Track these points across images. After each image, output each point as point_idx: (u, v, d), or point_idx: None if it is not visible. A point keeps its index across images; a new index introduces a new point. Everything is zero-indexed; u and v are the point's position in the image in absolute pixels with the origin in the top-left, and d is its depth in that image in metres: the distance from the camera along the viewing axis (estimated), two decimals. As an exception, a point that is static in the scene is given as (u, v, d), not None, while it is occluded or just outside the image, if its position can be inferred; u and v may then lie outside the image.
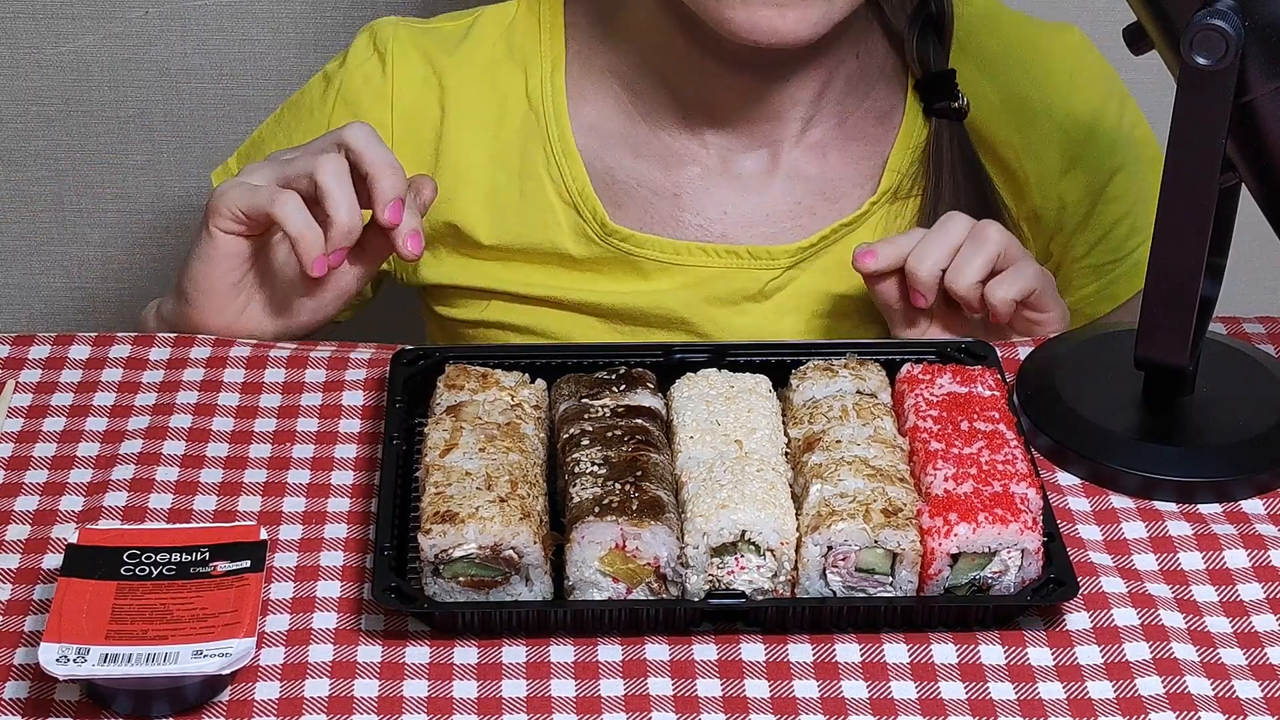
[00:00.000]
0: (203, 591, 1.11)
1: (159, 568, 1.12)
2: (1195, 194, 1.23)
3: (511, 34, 1.55)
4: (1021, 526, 1.14)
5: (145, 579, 1.12)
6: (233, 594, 1.11)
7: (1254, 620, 1.16)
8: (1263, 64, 1.20)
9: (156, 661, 1.07)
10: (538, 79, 1.54)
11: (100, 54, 2.00)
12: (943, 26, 1.53)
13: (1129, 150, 1.57)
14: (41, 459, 1.28)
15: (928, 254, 1.40)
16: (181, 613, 1.10)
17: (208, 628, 1.09)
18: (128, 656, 1.07)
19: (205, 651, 1.07)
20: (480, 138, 1.54)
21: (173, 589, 1.11)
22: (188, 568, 1.13)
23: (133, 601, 1.10)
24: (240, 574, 1.12)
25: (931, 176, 1.52)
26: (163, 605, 1.10)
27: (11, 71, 2.01)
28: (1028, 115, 1.55)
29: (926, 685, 1.11)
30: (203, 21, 2.00)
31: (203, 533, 1.15)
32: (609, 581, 1.14)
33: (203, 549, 1.14)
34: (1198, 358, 1.30)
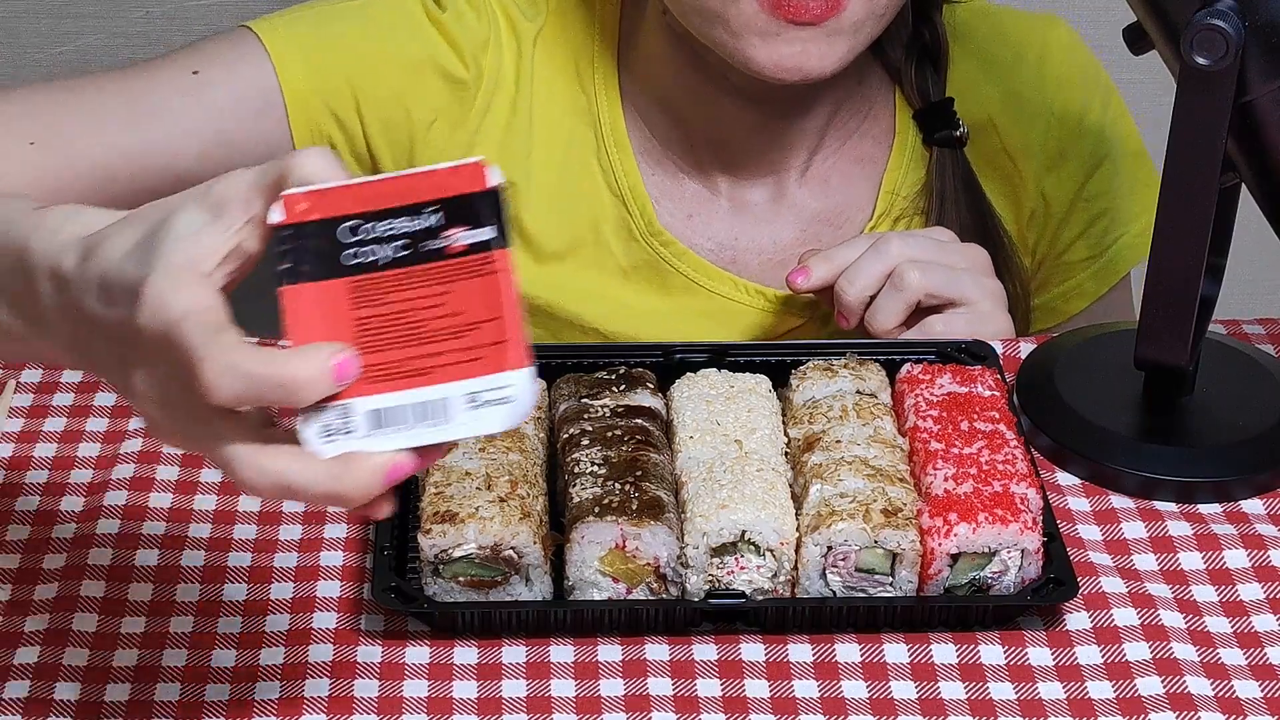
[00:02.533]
0: (449, 284, 0.93)
1: (387, 245, 0.93)
2: (1195, 194, 1.23)
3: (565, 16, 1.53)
4: (1021, 526, 1.14)
5: (375, 267, 0.93)
6: (481, 285, 0.93)
7: (1254, 620, 1.16)
8: (1263, 64, 1.20)
9: (430, 416, 0.93)
10: (588, 63, 1.52)
11: (100, 54, 2.01)
12: (938, 56, 1.53)
13: (1112, 145, 1.57)
14: (42, 459, 1.28)
15: (856, 279, 1.39)
16: (434, 323, 0.93)
17: (469, 348, 0.93)
18: (396, 413, 0.93)
19: (479, 396, 0.92)
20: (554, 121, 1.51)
21: (412, 282, 0.93)
22: (420, 242, 0.93)
23: (373, 310, 0.94)
24: (484, 250, 0.93)
25: (934, 205, 1.52)
26: (410, 311, 0.93)
27: (11, 71, 2.01)
28: (1020, 109, 1.55)
29: (926, 685, 1.11)
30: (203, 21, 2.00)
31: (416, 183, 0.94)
32: (609, 581, 1.14)
33: (430, 208, 0.93)
34: (1198, 358, 1.30)
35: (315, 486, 0.93)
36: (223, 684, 1.11)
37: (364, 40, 1.47)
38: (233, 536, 1.21)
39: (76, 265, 0.97)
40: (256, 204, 0.94)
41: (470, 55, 1.48)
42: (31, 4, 1.99)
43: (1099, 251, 1.58)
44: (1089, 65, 1.59)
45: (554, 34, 1.51)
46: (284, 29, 1.45)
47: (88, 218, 1.00)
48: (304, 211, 0.93)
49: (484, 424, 0.93)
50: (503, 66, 1.49)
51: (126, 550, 1.19)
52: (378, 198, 0.93)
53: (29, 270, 1.00)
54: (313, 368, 0.92)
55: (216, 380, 0.91)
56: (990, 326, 1.39)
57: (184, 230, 0.94)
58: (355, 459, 0.93)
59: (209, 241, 0.94)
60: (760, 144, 1.51)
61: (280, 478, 0.93)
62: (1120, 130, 1.58)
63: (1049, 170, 1.56)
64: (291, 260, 0.94)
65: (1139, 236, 1.58)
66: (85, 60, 2.00)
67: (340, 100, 1.45)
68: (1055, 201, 1.57)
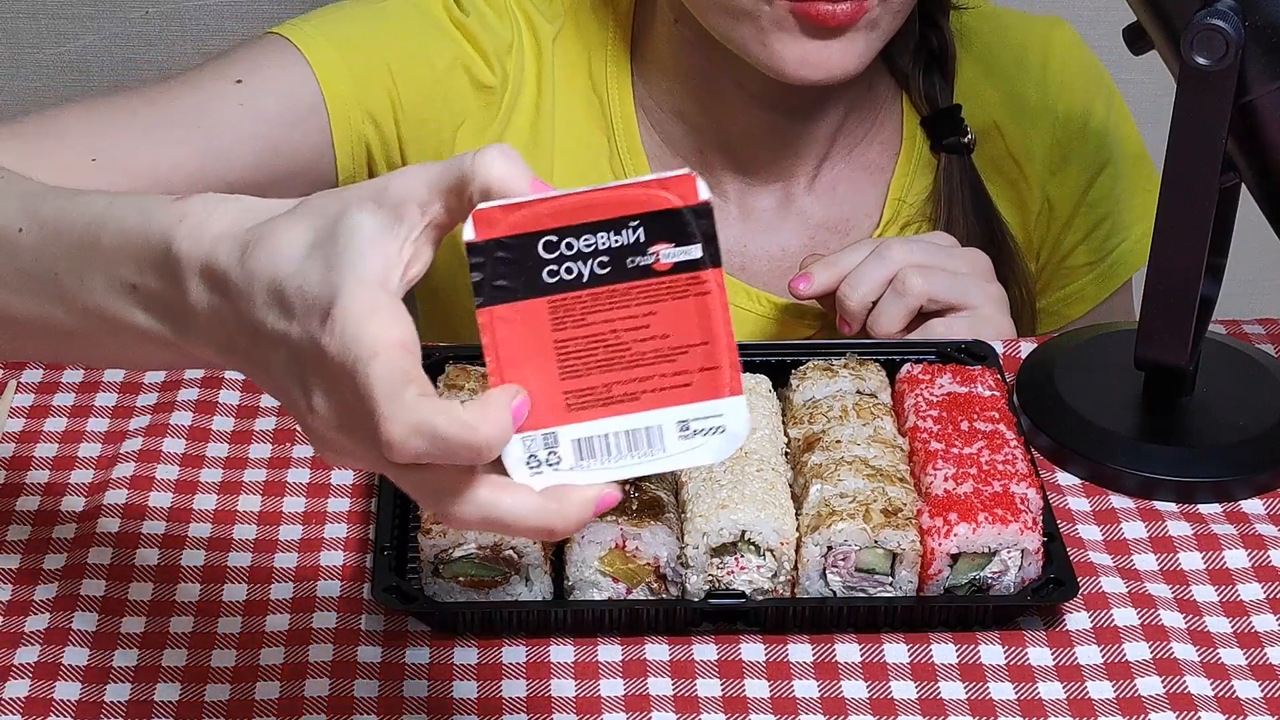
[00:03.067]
0: (655, 304, 0.89)
1: (588, 262, 0.88)
2: (1195, 194, 1.23)
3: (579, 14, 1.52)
4: (1021, 526, 1.14)
5: (576, 285, 0.89)
6: (690, 307, 0.89)
7: (1254, 620, 1.16)
8: (1263, 64, 1.20)
9: (639, 445, 0.89)
10: (601, 65, 1.52)
11: (100, 54, 2.01)
12: (945, 62, 1.53)
13: (1114, 148, 1.57)
14: (43, 459, 1.28)
15: (859, 285, 1.39)
16: (640, 346, 0.89)
17: (679, 373, 0.89)
18: (604, 443, 0.89)
19: (691, 424, 0.89)
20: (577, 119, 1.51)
21: (615, 301, 0.89)
22: (623, 257, 0.88)
23: (574, 332, 0.89)
24: (692, 269, 0.88)
25: (942, 212, 1.52)
26: (613, 333, 0.89)
27: (11, 71, 2.01)
28: (1023, 112, 1.55)
29: (926, 685, 1.11)
30: (203, 21, 2.00)
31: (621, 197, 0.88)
32: (609, 581, 1.14)
33: (632, 222, 0.88)
34: (1198, 358, 1.30)
35: (526, 520, 0.89)
36: (223, 684, 1.11)
37: (397, 45, 1.46)
38: (233, 536, 1.21)
39: (238, 263, 0.92)
40: (435, 207, 0.90)
41: (495, 59, 1.48)
42: (31, 4, 1.99)
43: (1101, 256, 1.58)
44: (1092, 67, 1.59)
45: (570, 37, 1.51)
46: (317, 35, 1.44)
47: (237, 206, 0.95)
48: (499, 226, 0.88)
49: (696, 455, 0.89)
50: (525, 69, 1.49)
51: (127, 550, 1.19)
52: (576, 211, 0.88)
53: (174, 267, 0.94)
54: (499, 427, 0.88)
55: (401, 442, 0.87)
56: (991, 330, 1.39)
57: (366, 236, 0.89)
58: (566, 492, 0.90)
59: (393, 250, 0.89)
60: (771, 149, 1.51)
61: (490, 509, 0.89)
62: (1123, 133, 1.58)
63: (1053, 174, 1.56)
64: (488, 278, 0.89)
65: (1140, 241, 1.58)
66: (85, 60, 2.00)
67: (378, 104, 1.45)
68: (1059, 205, 1.57)
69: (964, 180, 1.52)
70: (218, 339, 0.94)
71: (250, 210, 0.94)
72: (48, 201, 1.04)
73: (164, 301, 0.97)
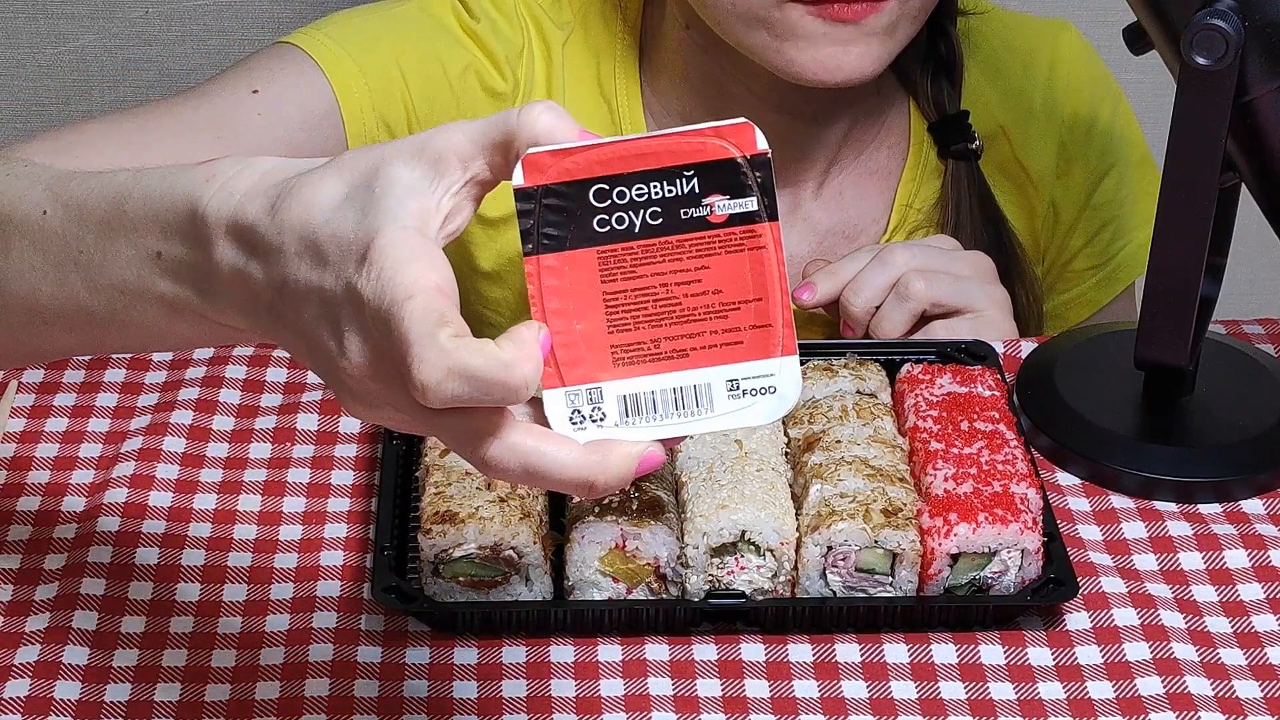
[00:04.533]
0: (707, 257, 0.87)
1: (640, 211, 0.87)
2: (1195, 194, 1.23)
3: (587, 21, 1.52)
4: (1021, 526, 1.14)
5: (627, 236, 0.87)
6: (744, 261, 0.87)
7: (1254, 620, 1.16)
8: (1263, 64, 1.20)
9: (687, 404, 0.88)
10: (610, 70, 1.52)
11: (100, 54, 2.01)
12: (952, 69, 1.53)
13: (1119, 152, 1.57)
14: (43, 459, 1.28)
15: (861, 290, 1.40)
16: (691, 301, 0.87)
17: (731, 329, 0.87)
18: (650, 400, 0.88)
19: (742, 384, 0.87)
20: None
21: (667, 254, 0.87)
22: (676, 208, 0.87)
23: (624, 284, 0.88)
24: (748, 222, 0.87)
25: (949, 218, 1.52)
26: (663, 287, 0.87)
27: (11, 71, 2.01)
28: (1030, 117, 1.55)
29: (926, 685, 1.11)
30: (203, 21, 2.00)
31: (675, 144, 0.87)
32: (609, 581, 1.14)
33: (686, 172, 0.87)
34: (1198, 358, 1.30)
35: (566, 470, 0.88)
36: (223, 684, 1.11)
37: (409, 51, 1.46)
38: (233, 536, 1.21)
39: (267, 216, 0.90)
40: (478, 163, 0.89)
41: (507, 64, 1.48)
42: (30, 4, 1.99)
43: (1104, 260, 1.58)
44: (1098, 70, 1.59)
45: (579, 42, 1.51)
46: (330, 42, 1.44)
47: (266, 165, 0.93)
48: (548, 173, 0.86)
49: (745, 416, 0.87)
50: (535, 74, 1.49)
51: (127, 550, 1.19)
52: (629, 159, 0.86)
53: (201, 227, 0.93)
54: (534, 363, 0.86)
55: (437, 385, 0.85)
56: (995, 332, 1.39)
57: (405, 184, 0.88)
58: (611, 447, 0.88)
59: (431, 201, 0.88)
60: (779, 154, 1.50)
61: (529, 455, 0.87)
62: (1128, 138, 1.58)
63: (1058, 178, 1.56)
64: (536, 225, 0.87)
65: (1143, 247, 1.58)
66: (85, 60, 2.00)
67: (392, 110, 1.45)
68: (1063, 209, 1.57)
69: (971, 186, 1.52)
70: (243, 300, 0.93)
71: (280, 168, 0.93)
72: (72, 183, 1.04)
73: (190, 266, 0.96)
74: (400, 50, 1.45)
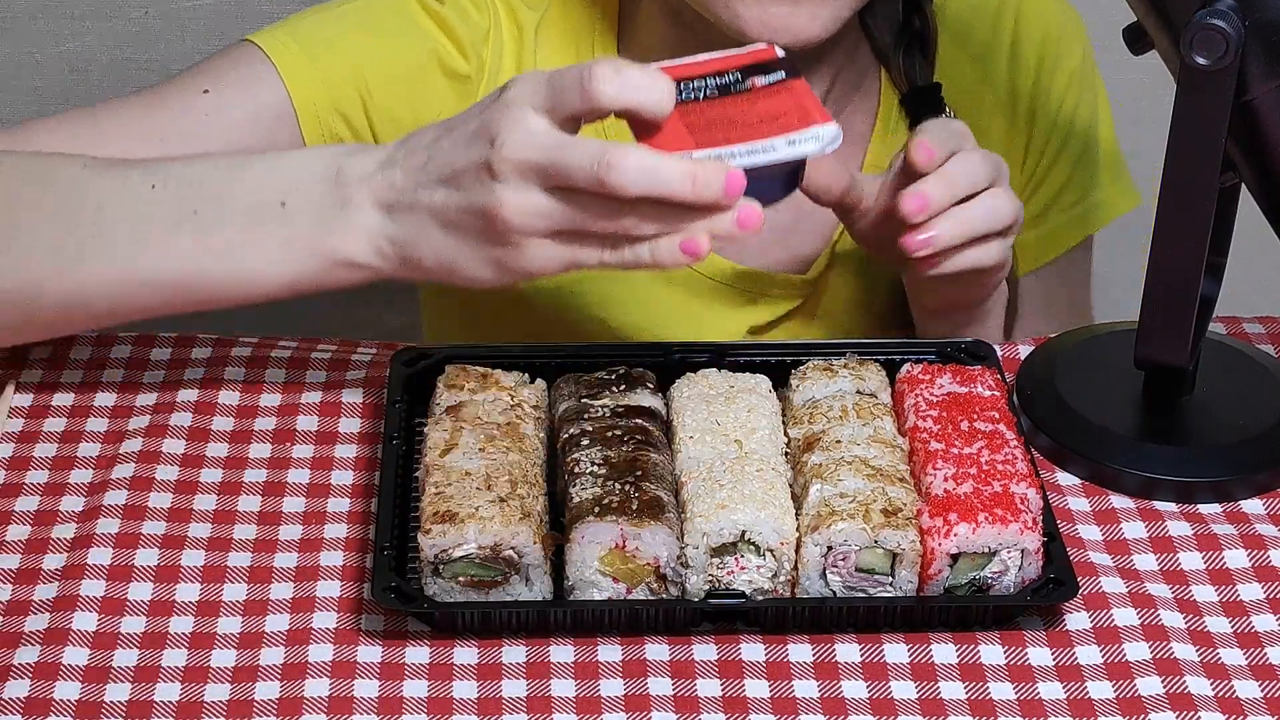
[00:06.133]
0: (755, 101, 1.15)
1: (702, 90, 1.16)
2: (1195, 194, 1.24)
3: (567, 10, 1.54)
4: (1021, 526, 1.14)
5: (696, 99, 1.15)
6: (785, 97, 1.15)
7: (1254, 620, 1.16)
8: (1262, 64, 1.20)
9: (754, 153, 1.13)
10: (589, 52, 1.52)
11: (100, 54, 2.01)
12: (926, 42, 1.53)
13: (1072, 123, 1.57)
14: (42, 459, 1.28)
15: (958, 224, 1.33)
16: (748, 117, 1.14)
17: (780, 123, 1.14)
18: (728, 154, 1.13)
19: (795, 139, 1.14)
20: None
21: (726, 103, 1.15)
22: (727, 86, 1.16)
23: (698, 117, 1.14)
24: (780, 82, 1.17)
25: None
26: (727, 116, 1.14)
27: (12, 71, 2.01)
28: (998, 71, 1.55)
29: (926, 685, 1.11)
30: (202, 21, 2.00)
31: (720, 61, 1.18)
32: (609, 581, 1.14)
33: (732, 71, 1.17)
34: (1198, 358, 1.30)
35: (676, 169, 1.11)
36: (223, 684, 1.11)
37: (366, 42, 1.47)
38: (233, 536, 1.21)
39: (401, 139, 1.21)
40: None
41: (471, 48, 1.48)
42: (31, 4, 1.99)
43: (1042, 222, 1.58)
44: (1066, 16, 1.58)
45: (555, 22, 1.51)
46: (287, 39, 1.45)
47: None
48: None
49: (800, 150, 1.14)
50: (504, 56, 1.49)
51: (126, 550, 1.19)
52: (690, 71, 1.17)
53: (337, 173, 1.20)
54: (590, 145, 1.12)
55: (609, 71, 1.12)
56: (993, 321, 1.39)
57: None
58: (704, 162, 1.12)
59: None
60: None
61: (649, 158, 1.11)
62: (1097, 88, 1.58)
63: (1029, 123, 1.56)
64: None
65: (1084, 214, 1.59)
66: (85, 60, 2.00)
67: (348, 102, 1.45)
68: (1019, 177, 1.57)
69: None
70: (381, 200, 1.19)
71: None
72: (164, 164, 1.25)
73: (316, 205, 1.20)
74: (355, 42, 1.47)
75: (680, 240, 1.14)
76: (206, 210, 1.21)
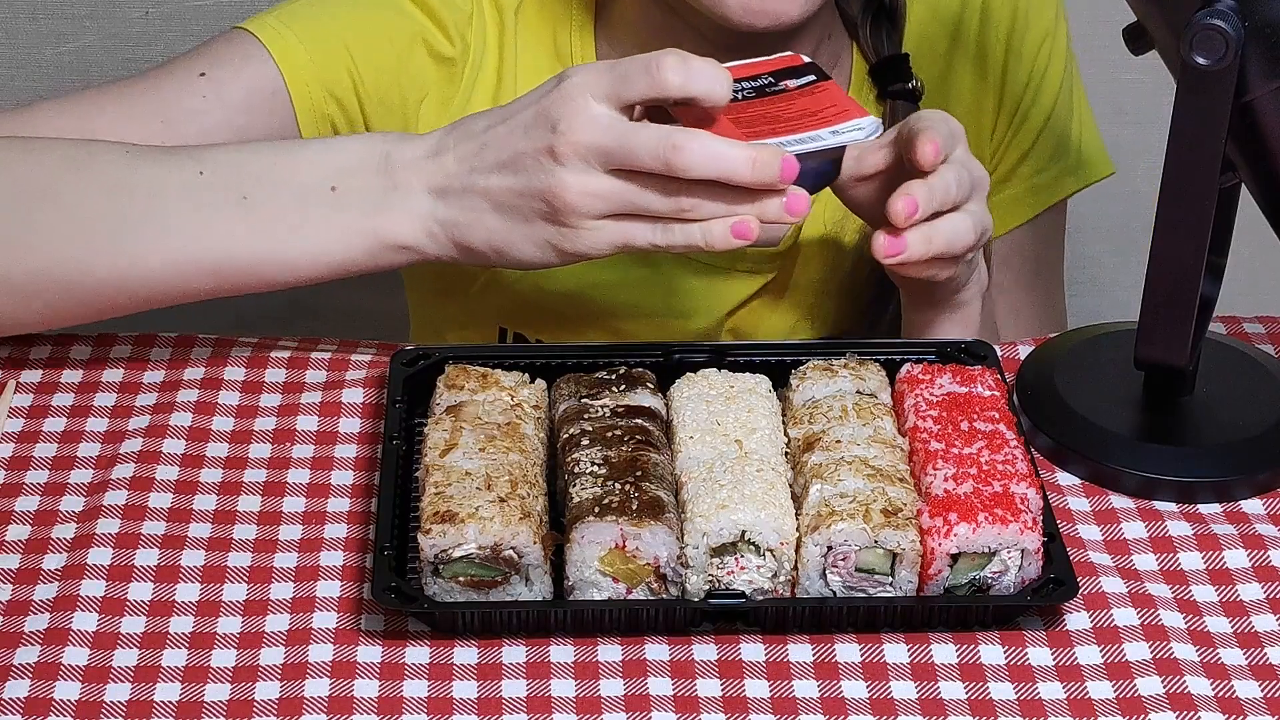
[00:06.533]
0: (791, 100, 1.24)
1: (740, 92, 1.24)
2: (1195, 194, 1.23)
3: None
4: (1021, 526, 1.14)
5: (736, 99, 1.23)
6: (821, 96, 1.24)
7: (1254, 620, 1.16)
8: (1263, 64, 1.20)
9: (803, 142, 1.21)
10: (566, 34, 1.53)
11: (100, 54, 2.01)
12: (895, 14, 1.53)
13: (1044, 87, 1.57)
14: (42, 459, 1.28)
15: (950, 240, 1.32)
16: (790, 114, 1.22)
17: (822, 119, 1.22)
18: (783, 145, 1.20)
19: (839, 131, 1.22)
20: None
21: (765, 103, 1.23)
22: (762, 88, 1.25)
23: (743, 114, 1.22)
24: (812, 84, 1.26)
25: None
26: (768, 113, 1.22)
27: (11, 71, 2.01)
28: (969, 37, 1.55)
29: (926, 685, 1.11)
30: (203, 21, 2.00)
31: (750, 67, 1.26)
32: (609, 581, 1.14)
33: (764, 75, 1.26)
34: (1198, 358, 1.30)
35: (738, 153, 1.18)
36: (223, 684, 1.11)
37: (355, 27, 1.48)
38: (233, 536, 1.21)
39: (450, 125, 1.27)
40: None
41: (456, 31, 1.50)
42: (31, 4, 1.99)
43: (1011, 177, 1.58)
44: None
45: (533, 6, 1.52)
46: (278, 25, 1.47)
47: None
48: None
49: (847, 138, 1.23)
50: (487, 39, 1.51)
51: (127, 550, 1.19)
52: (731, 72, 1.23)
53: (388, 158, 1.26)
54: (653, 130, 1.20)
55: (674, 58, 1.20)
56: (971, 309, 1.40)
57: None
58: (762, 146, 1.19)
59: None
60: None
61: (712, 142, 1.18)
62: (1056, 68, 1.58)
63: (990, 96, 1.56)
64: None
65: (1065, 173, 1.59)
66: (85, 60, 2.00)
67: (339, 85, 1.46)
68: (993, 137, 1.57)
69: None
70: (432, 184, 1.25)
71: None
72: (208, 150, 1.30)
73: (365, 190, 1.26)
74: (345, 25, 1.48)
75: (732, 223, 1.21)
76: (256, 194, 1.26)
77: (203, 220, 1.27)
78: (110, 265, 1.28)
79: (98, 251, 1.27)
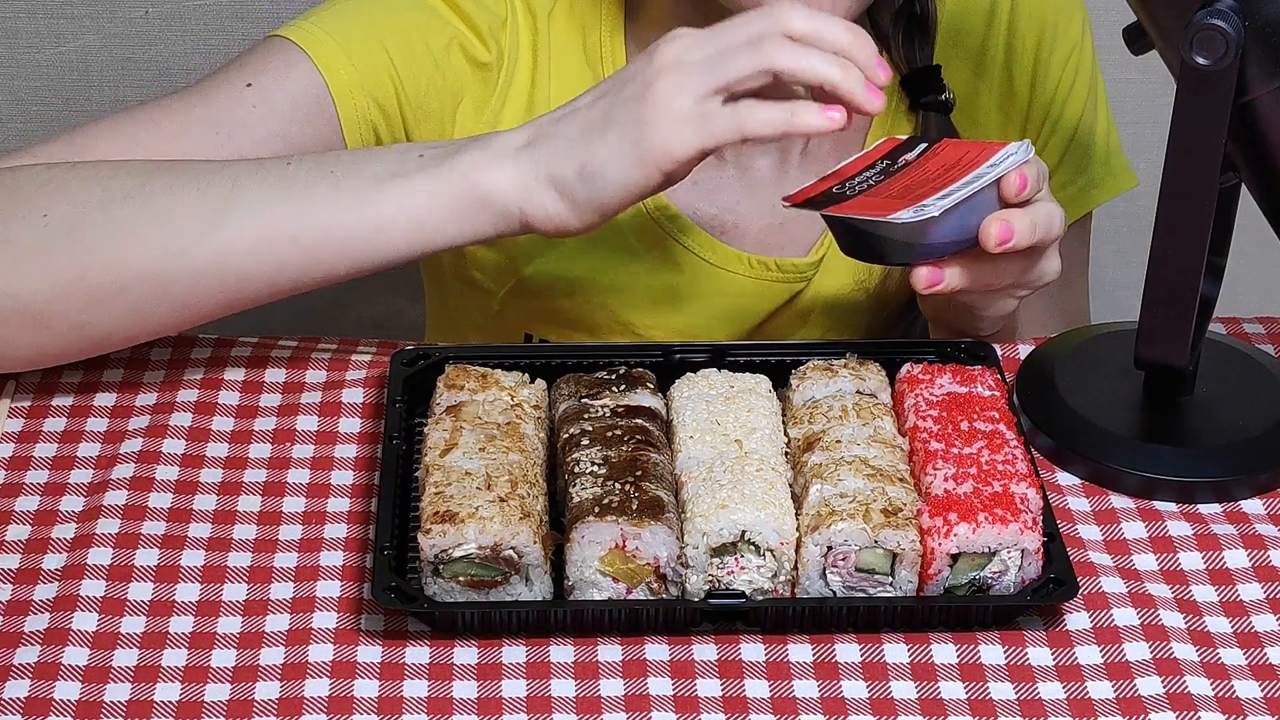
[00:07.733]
0: (924, 166, 1.27)
1: (868, 181, 1.27)
2: (1195, 194, 1.23)
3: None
4: (1021, 526, 1.14)
5: (870, 186, 1.26)
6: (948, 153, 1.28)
7: (1254, 620, 1.16)
8: (1263, 64, 1.20)
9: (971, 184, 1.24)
10: (596, 37, 1.53)
11: (100, 54, 2.01)
12: (926, 25, 1.53)
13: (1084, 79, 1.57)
14: (42, 459, 1.28)
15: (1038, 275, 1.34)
16: (932, 175, 1.26)
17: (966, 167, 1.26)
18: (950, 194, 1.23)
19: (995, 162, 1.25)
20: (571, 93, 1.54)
21: (897, 179, 1.27)
22: (887, 170, 1.28)
23: (888, 191, 1.25)
24: (931, 149, 1.29)
25: None
26: (909, 184, 1.25)
27: (11, 71, 2.01)
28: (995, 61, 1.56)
29: (926, 685, 1.11)
30: (203, 21, 2.00)
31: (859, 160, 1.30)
32: (609, 581, 1.14)
33: (879, 161, 1.29)
34: (1198, 358, 1.30)
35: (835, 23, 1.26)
36: (223, 684, 1.11)
37: (393, 30, 1.48)
38: (233, 536, 1.21)
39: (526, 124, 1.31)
40: None
41: (490, 35, 1.49)
42: (31, 4, 1.99)
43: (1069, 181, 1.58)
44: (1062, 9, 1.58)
45: (565, 11, 1.52)
46: (315, 30, 1.46)
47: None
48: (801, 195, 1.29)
49: (1007, 165, 1.25)
50: (520, 44, 1.50)
51: (127, 550, 1.19)
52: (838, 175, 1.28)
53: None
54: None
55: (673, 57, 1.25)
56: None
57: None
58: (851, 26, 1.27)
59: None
60: None
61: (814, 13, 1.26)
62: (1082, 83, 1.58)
63: (1016, 110, 1.56)
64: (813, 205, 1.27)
65: (1090, 186, 1.59)
66: (85, 60, 2.00)
67: (381, 89, 1.46)
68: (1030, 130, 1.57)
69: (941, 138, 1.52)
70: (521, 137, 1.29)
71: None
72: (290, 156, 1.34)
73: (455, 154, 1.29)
74: (384, 30, 1.47)
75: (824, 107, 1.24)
76: (343, 171, 1.30)
77: (293, 196, 1.29)
78: (203, 251, 1.27)
79: (191, 239, 1.28)
